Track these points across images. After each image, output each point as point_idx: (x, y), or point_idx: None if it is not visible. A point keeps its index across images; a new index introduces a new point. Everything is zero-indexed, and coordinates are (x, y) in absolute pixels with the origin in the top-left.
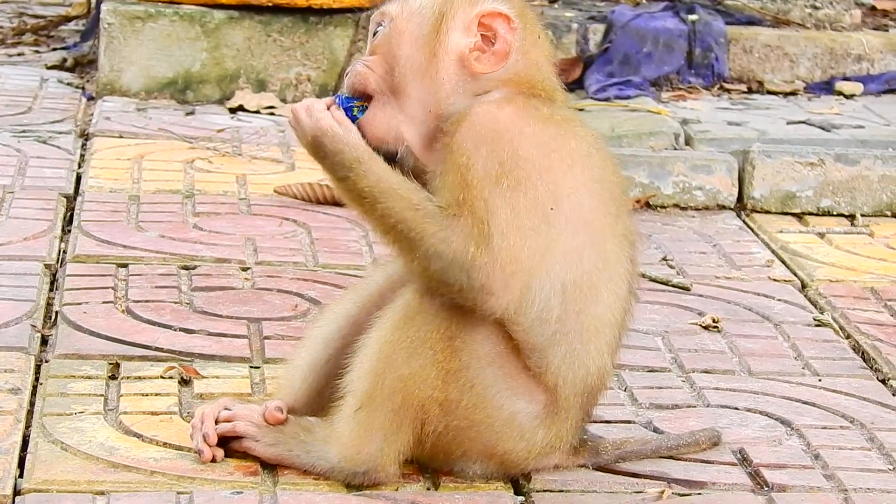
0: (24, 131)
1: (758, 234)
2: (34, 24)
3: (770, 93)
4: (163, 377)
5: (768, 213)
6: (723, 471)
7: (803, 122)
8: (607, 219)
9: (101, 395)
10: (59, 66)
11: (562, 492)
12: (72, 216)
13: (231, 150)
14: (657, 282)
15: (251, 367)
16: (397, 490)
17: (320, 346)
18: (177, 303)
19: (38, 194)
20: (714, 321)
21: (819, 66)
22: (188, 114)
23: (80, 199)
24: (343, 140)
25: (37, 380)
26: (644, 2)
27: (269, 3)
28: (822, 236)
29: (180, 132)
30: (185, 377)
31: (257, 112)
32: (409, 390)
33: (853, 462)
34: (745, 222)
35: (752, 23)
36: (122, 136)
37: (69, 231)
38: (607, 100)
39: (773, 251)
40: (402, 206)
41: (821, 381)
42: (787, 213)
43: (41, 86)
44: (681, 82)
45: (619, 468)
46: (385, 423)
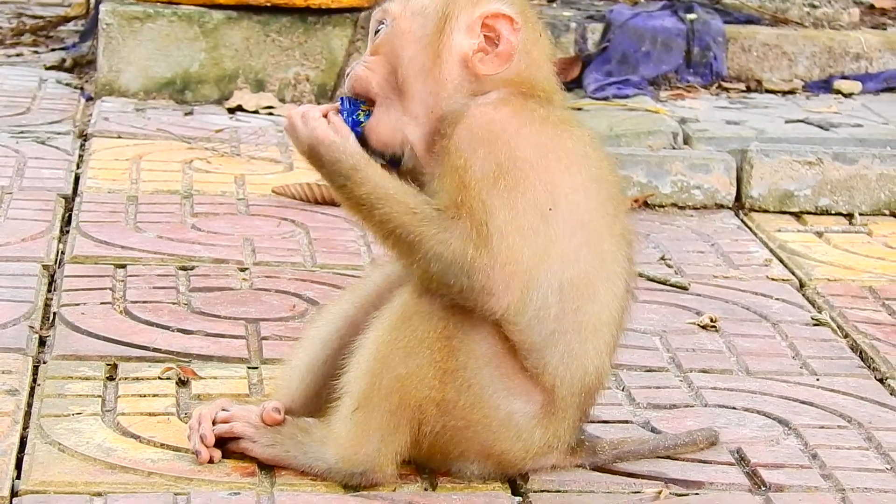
0: (22, 132)
1: (756, 234)
2: (33, 25)
3: (768, 91)
4: (160, 378)
5: (766, 212)
6: (720, 470)
7: (801, 121)
8: (605, 219)
9: (99, 396)
10: (58, 67)
11: (559, 492)
12: (70, 217)
13: (229, 150)
14: (655, 281)
15: (249, 368)
16: (395, 491)
17: (318, 347)
18: (175, 303)
19: (36, 195)
20: (712, 320)
21: (817, 65)
22: (187, 114)
23: (78, 199)
24: (339, 149)
25: (34, 381)
26: (642, 1)
27: (268, 3)
28: (820, 235)
29: (179, 132)
30: (182, 378)
31: (256, 112)
32: (406, 390)
33: (851, 461)
34: (743, 221)
35: (750, 22)
36: (120, 137)
37: (67, 232)
38: (605, 99)
39: (772, 250)
40: (399, 211)
41: (819, 380)
42: (785, 212)
43: (40, 86)
44: (679, 81)
45: (616, 468)
46: (382, 424)
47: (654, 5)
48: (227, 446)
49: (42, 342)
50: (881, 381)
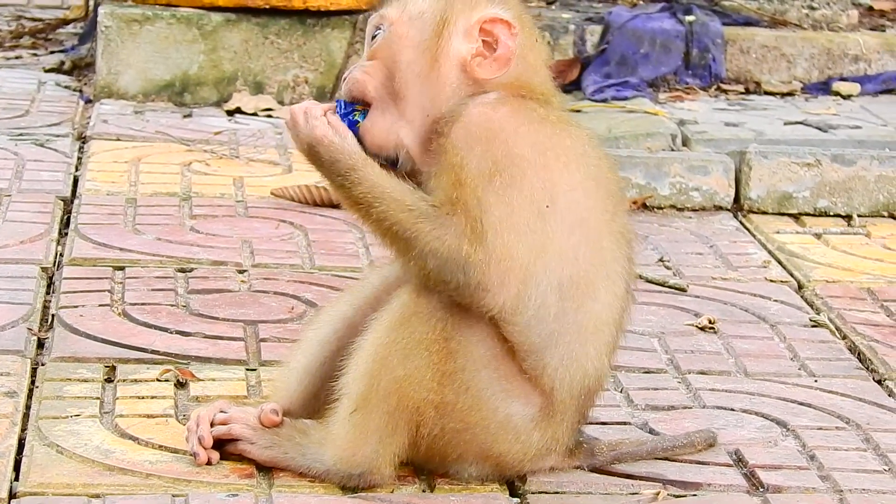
0: (21, 134)
1: (754, 235)
2: (32, 27)
3: (767, 93)
4: (159, 380)
5: (765, 213)
6: (718, 472)
7: (800, 123)
8: (604, 216)
9: (97, 398)
10: (57, 69)
11: (557, 493)
12: (69, 219)
13: (228, 152)
14: (653, 283)
15: (247, 370)
16: (393, 492)
17: (316, 349)
18: (173, 305)
19: (35, 197)
20: (710, 322)
21: (816, 67)
22: (185, 116)
23: (77, 201)
24: (338, 148)
25: (33, 383)
26: (641, 3)
27: (266, 6)
28: (818, 237)
29: (177, 135)
30: (181, 380)
31: (255, 114)
32: (404, 392)
33: (849, 463)
34: (741, 223)
35: (749, 23)
36: (119, 139)
37: (66, 234)
38: (604, 101)
39: (770, 252)
40: (396, 209)
41: (817, 381)
42: (783, 214)
43: (39, 89)
44: (678, 83)
45: (614, 470)
46: (380, 426)
47: (652, 7)
48: (225, 448)
49: (40, 344)
50: (879, 382)
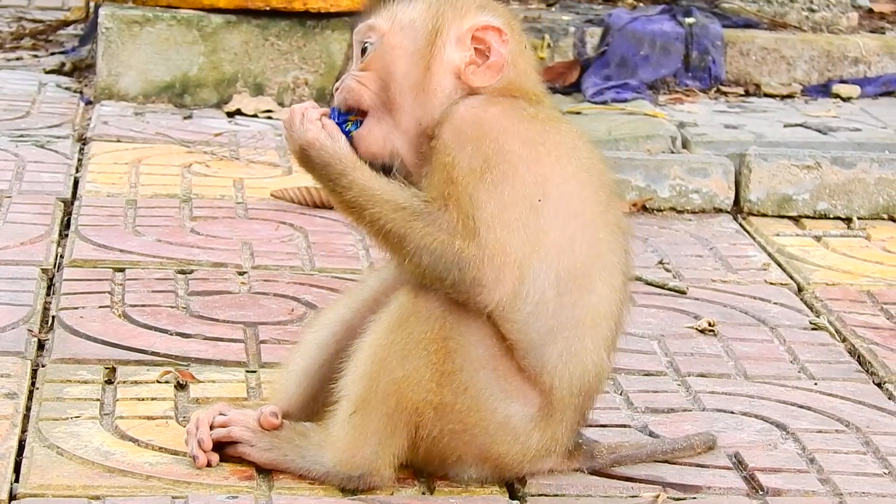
0: (21, 136)
1: (754, 238)
2: (32, 29)
3: (767, 96)
4: (159, 381)
5: (765, 216)
6: (718, 475)
7: (800, 125)
8: (598, 207)
9: (98, 400)
10: (58, 71)
11: (557, 496)
12: (69, 220)
13: (228, 154)
14: (653, 285)
15: (247, 372)
16: (392, 494)
17: (315, 351)
18: (173, 307)
19: (35, 199)
20: (710, 325)
21: (816, 69)
22: (186, 118)
23: (77, 203)
24: (329, 152)
25: (33, 384)
26: (641, 5)
27: (267, 8)
28: (818, 239)
29: (178, 136)
30: (181, 381)
31: (255, 116)
32: (403, 393)
33: (848, 466)
34: (741, 225)
35: (748, 26)
36: (119, 141)
37: (66, 235)
38: (604, 103)
39: (770, 254)
40: (389, 209)
41: (816, 384)
42: (783, 217)
43: (39, 90)
44: (678, 85)
45: (614, 472)
46: (379, 427)
47: (652, 9)
48: (224, 450)
49: (41, 346)
50: (879, 385)
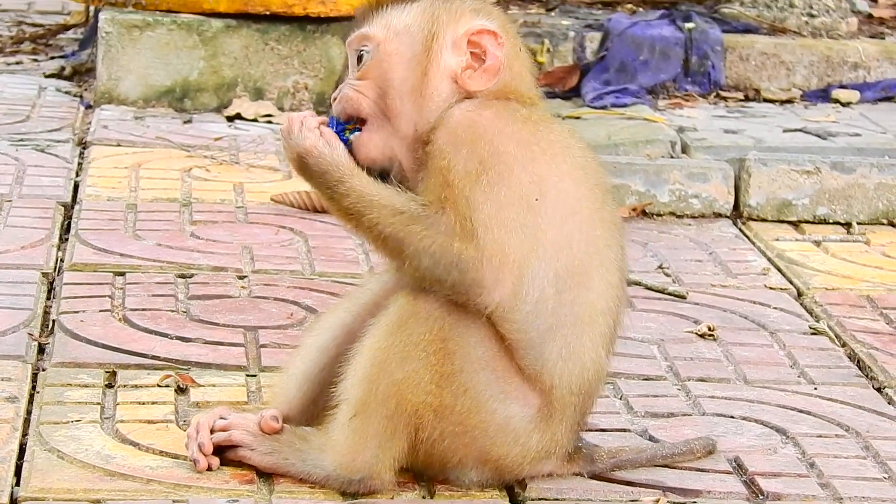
0: (21, 140)
1: (754, 243)
2: (32, 33)
3: (766, 101)
4: (159, 385)
5: (764, 221)
6: (718, 479)
7: (800, 130)
8: (594, 205)
9: (98, 404)
10: (58, 75)
11: (557, 500)
12: (69, 225)
13: (228, 158)
14: (653, 290)
15: (247, 376)
16: (393, 498)
17: (315, 355)
18: (173, 311)
19: (35, 203)
20: (710, 329)
21: (815, 75)
22: (186, 122)
23: (77, 207)
24: (327, 160)
25: (34, 388)
26: (640, 10)
27: (267, 12)
28: (818, 244)
29: (178, 140)
30: (181, 385)
31: (255, 120)
32: (402, 395)
33: (848, 471)
34: (741, 230)
35: (748, 31)
36: (119, 145)
37: (66, 239)
38: (604, 108)
39: (769, 259)
40: (387, 213)
41: (816, 389)
42: (783, 222)
43: (39, 94)
44: (677, 90)
45: (614, 476)
46: (379, 430)
47: (652, 14)
48: (225, 454)
49: (41, 349)
50: (879, 390)
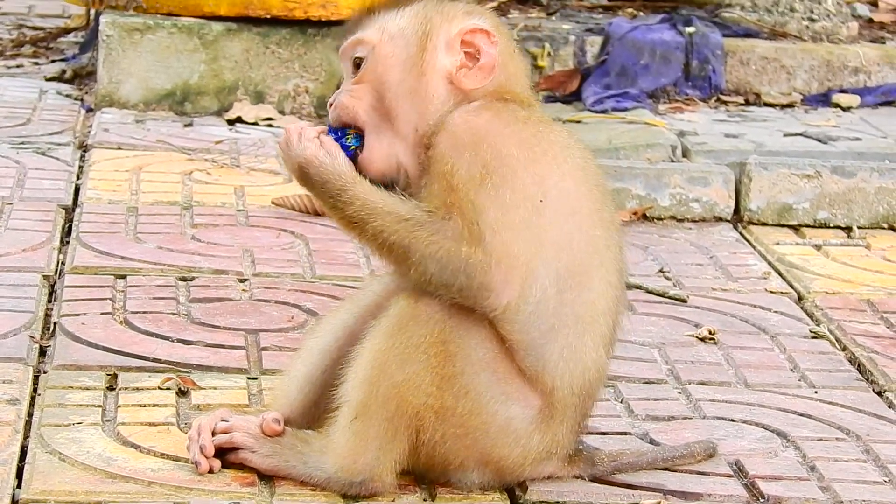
0: (22, 143)
1: (754, 246)
2: (33, 36)
3: (767, 105)
4: (160, 388)
5: (765, 225)
6: (718, 482)
7: (800, 135)
8: (594, 205)
9: (99, 406)
10: (58, 78)
11: (557, 503)
12: (70, 227)
13: (229, 161)
14: (654, 293)
15: (248, 379)
16: (394, 501)
17: (317, 358)
18: (174, 314)
19: (36, 206)
20: (710, 333)
21: (816, 79)
22: (186, 125)
23: (78, 210)
24: (328, 169)
25: (35, 390)
26: (641, 14)
27: (268, 16)
28: (818, 248)
29: (178, 144)
30: (182, 388)
31: (255, 124)
32: (403, 397)
33: (849, 474)
34: (741, 234)
35: (749, 35)
36: (120, 148)
37: (68, 242)
38: (604, 112)
39: (770, 263)
40: (392, 221)
41: (817, 392)
42: (783, 225)
43: (40, 97)
44: (678, 94)
45: (615, 479)
46: (380, 433)
47: (653, 18)
48: (226, 457)
49: (42, 352)
50: (879, 393)
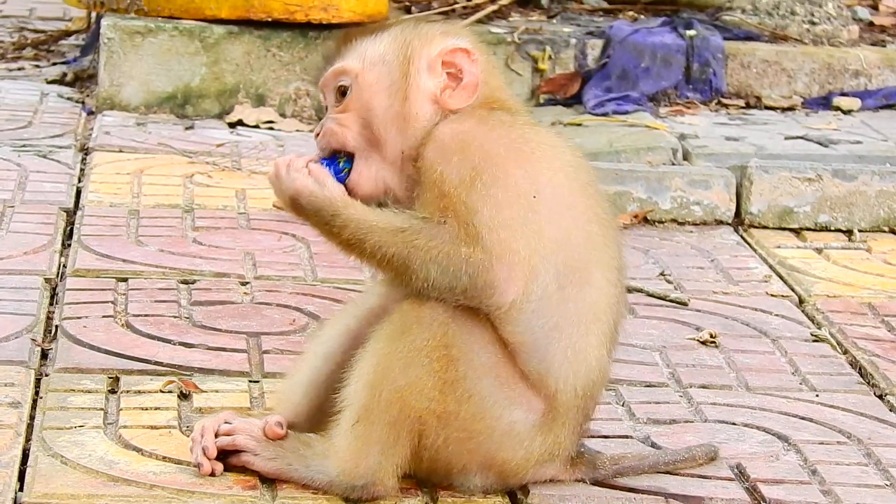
0: (24, 146)
1: (755, 250)
2: (34, 39)
3: (768, 108)
4: (162, 391)
5: (766, 228)
6: (720, 486)
7: (801, 138)
8: (588, 201)
9: (101, 409)
10: (59, 81)
11: None
12: (72, 230)
13: (230, 164)
14: (655, 297)
15: (250, 382)
16: None
17: (320, 361)
18: (176, 317)
19: (38, 208)
20: (711, 336)
21: (817, 82)
22: (187, 128)
23: (79, 213)
24: (319, 197)
25: (37, 393)
26: (642, 17)
27: (269, 19)
28: (819, 252)
29: (180, 147)
30: (184, 391)
31: (256, 126)
32: (405, 401)
33: (850, 477)
34: (742, 237)
35: (749, 38)
36: (121, 151)
37: (69, 245)
38: (605, 115)
39: (771, 266)
40: (388, 234)
41: (818, 396)
42: (784, 229)
43: (41, 100)
44: (679, 97)
45: (616, 483)
46: (382, 436)
47: (653, 21)
48: (228, 459)
49: (44, 355)
50: (880, 397)
